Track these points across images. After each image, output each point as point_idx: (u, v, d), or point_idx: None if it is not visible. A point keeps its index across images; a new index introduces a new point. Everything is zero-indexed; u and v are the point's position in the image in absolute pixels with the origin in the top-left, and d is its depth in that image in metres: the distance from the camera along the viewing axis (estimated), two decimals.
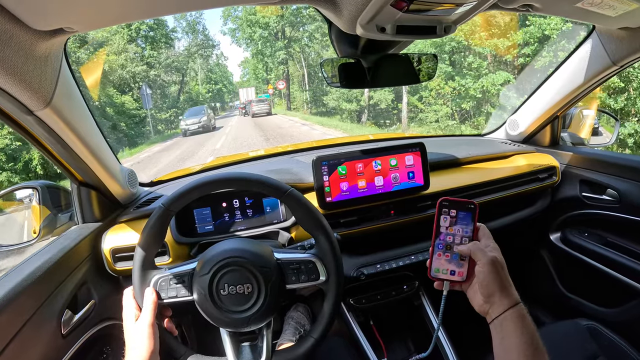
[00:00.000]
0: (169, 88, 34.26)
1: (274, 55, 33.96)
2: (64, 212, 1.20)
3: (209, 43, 41.36)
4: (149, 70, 29.21)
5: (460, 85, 15.38)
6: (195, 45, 39.63)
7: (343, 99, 23.90)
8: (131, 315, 0.81)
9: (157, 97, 30.60)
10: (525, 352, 0.62)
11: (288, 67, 35.77)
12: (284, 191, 0.87)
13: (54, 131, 0.89)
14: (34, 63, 0.70)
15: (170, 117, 31.32)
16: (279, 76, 35.80)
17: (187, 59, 38.15)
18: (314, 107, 32.45)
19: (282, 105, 39.45)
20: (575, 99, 1.50)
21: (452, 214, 0.75)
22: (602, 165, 1.50)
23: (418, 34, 0.82)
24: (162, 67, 32.00)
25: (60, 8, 0.62)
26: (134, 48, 28.03)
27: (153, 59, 30.05)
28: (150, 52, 29.81)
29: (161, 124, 29.89)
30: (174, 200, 0.84)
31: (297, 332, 1.31)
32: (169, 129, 30.67)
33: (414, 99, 18.24)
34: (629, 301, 1.40)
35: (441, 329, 1.32)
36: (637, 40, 1.16)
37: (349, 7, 0.72)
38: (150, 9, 0.70)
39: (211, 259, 0.83)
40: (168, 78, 33.95)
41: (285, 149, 1.77)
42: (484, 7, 0.78)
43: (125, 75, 25.73)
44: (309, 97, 33.08)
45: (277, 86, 34.86)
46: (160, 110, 30.13)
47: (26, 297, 0.84)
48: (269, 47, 33.91)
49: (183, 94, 36.99)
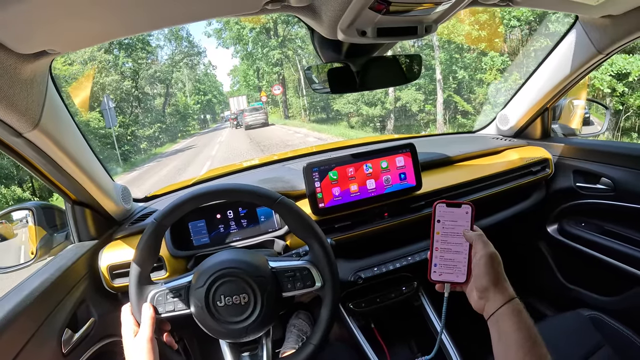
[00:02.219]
0: (153, 101, 31.24)
1: (267, 56, 30.47)
2: (60, 231, 1.20)
3: (194, 50, 38.93)
4: (122, 81, 25.26)
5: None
6: (180, 53, 37.19)
7: (362, 102, 20.04)
8: (130, 331, 0.82)
9: (139, 111, 27.55)
10: (524, 347, 0.62)
11: (283, 70, 32.19)
12: (275, 200, 0.87)
13: (44, 152, 0.89)
14: (20, 86, 0.71)
15: (155, 133, 28.39)
16: (271, 82, 32.48)
17: (171, 69, 35.52)
18: (313, 114, 29.85)
19: (276, 113, 36.34)
20: (563, 90, 1.51)
21: (449, 215, 0.75)
22: (594, 154, 1.50)
23: (399, 35, 0.83)
24: (143, 78, 28.59)
25: (42, 31, 0.63)
26: (104, 56, 23.67)
27: (129, 68, 26.64)
28: (124, 59, 26.38)
29: (144, 141, 26.50)
30: (166, 215, 0.85)
31: (300, 339, 1.31)
32: (154, 146, 27.73)
33: (458, 97, 15.37)
34: (630, 289, 1.40)
35: (444, 330, 1.31)
36: (620, 28, 1.17)
37: (328, 13, 0.73)
38: (131, 27, 0.71)
39: (206, 271, 0.83)
40: (153, 91, 31.27)
41: (277, 157, 1.78)
42: (463, 4, 0.79)
43: (92, 88, 21.65)
44: (307, 102, 29.73)
45: (273, 92, 30.55)
46: (142, 126, 26.88)
47: (26, 318, 0.84)
48: (261, 47, 30.75)
49: (169, 107, 34.50)
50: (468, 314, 0.74)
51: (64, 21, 0.62)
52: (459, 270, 0.74)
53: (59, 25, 0.62)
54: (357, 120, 21.54)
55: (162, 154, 22.16)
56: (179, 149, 23.64)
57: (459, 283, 0.74)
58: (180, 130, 36.09)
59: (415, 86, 16.86)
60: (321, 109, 29.42)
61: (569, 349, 1.14)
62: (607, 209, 1.46)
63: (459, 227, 0.75)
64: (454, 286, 0.75)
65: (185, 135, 36.08)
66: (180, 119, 35.91)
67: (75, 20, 0.62)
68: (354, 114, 21.86)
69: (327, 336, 0.87)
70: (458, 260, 0.74)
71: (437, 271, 0.75)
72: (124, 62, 26.28)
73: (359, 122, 21.29)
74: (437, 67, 15.52)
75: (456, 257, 0.74)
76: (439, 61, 15.47)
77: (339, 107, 22.93)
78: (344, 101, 21.76)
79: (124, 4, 0.60)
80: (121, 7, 0.61)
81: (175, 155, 19.18)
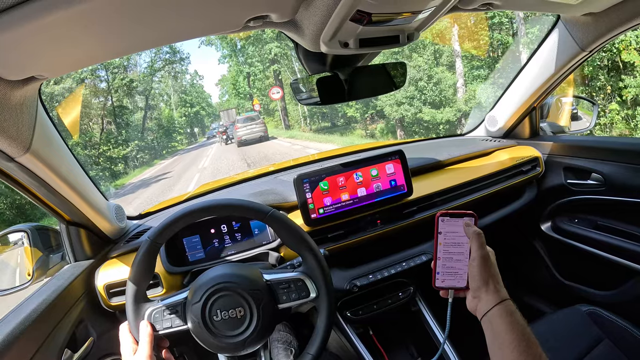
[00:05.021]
0: (130, 115, 25.84)
1: (263, 50, 25.22)
2: (56, 252, 1.20)
3: (176, 57, 33.26)
4: (94, 94, 20.98)
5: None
6: (161, 60, 31.86)
7: (420, 101, 14.38)
8: (129, 349, 0.82)
9: (112, 128, 23.21)
10: (518, 347, 0.63)
11: (282, 68, 26.38)
12: (266, 213, 0.88)
13: (37, 175, 0.89)
14: (9, 112, 0.71)
15: (132, 152, 23.70)
16: (263, 89, 27.95)
17: (150, 78, 30.54)
18: (314, 122, 24.94)
19: (271, 123, 29.50)
20: (549, 88, 1.53)
21: (450, 227, 0.77)
22: (584, 150, 1.52)
23: (381, 45, 0.84)
24: (117, 89, 23.83)
25: (29, 58, 0.64)
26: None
27: (98, 77, 22.11)
28: (95, 67, 21.43)
29: (119, 163, 21.92)
30: (160, 233, 0.85)
31: (289, 351, 1.31)
32: (130, 167, 23.32)
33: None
34: (626, 282, 1.41)
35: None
36: (602, 25, 1.19)
37: (310, 27, 0.74)
38: (118, 49, 0.72)
39: (201, 286, 0.83)
40: (132, 104, 26.28)
41: (268, 170, 1.78)
42: (443, 11, 0.80)
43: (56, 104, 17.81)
44: (307, 110, 24.42)
45: (271, 96, 23.65)
46: (116, 145, 21.82)
47: (25, 340, 0.85)
48: (253, 42, 25.90)
49: (151, 121, 30.35)
50: (467, 318, 0.75)
51: (51, 47, 0.63)
52: (460, 277, 0.76)
53: (46, 51, 0.63)
54: (382, 128, 17.52)
55: (124, 186, 17.61)
56: (146, 178, 18.21)
57: (462, 288, 0.77)
58: (165, 147, 31.79)
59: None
60: (322, 116, 25.06)
61: (569, 345, 1.15)
62: (599, 204, 1.48)
63: (460, 237, 0.77)
64: (457, 292, 0.78)
65: (171, 151, 31.74)
66: (164, 134, 31.98)
67: (62, 47, 0.63)
68: (369, 120, 18.56)
69: (325, 346, 0.87)
70: (460, 267, 0.76)
71: (440, 278, 0.78)
72: (95, 69, 22.45)
73: (383, 130, 17.21)
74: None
75: (458, 265, 0.77)
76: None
77: (352, 113, 19.50)
78: (355, 107, 18.38)
79: (110, 29, 0.62)
80: (107, 32, 0.62)
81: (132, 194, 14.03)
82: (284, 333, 1.37)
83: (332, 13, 0.67)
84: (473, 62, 14.54)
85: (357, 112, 19.33)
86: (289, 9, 0.68)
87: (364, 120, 19.57)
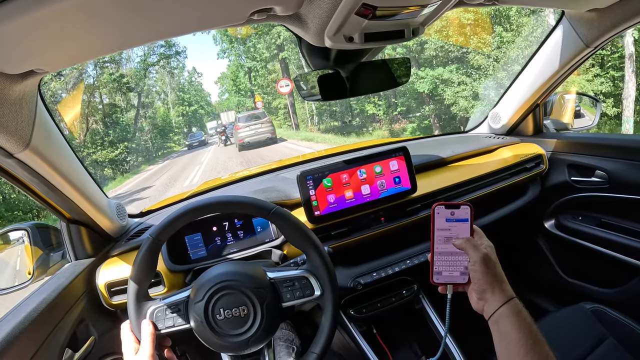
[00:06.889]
0: (121, 114, 24.27)
1: (268, 35, 22.76)
2: (56, 250, 1.19)
3: (172, 50, 31.09)
4: (49, 83, 18.24)
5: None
6: (155, 54, 30.01)
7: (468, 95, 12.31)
8: (130, 348, 0.81)
9: (99, 127, 21.67)
10: (525, 346, 0.62)
11: (291, 56, 23.51)
12: (269, 210, 0.87)
13: (37, 172, 0.88)
14: (9, 106, 0.70)
15: (121, 155, 21.77)
16: (264, 87, 26.18)
17: (143, 73, 28.87)
18: (322, 121, 22.76)
19: (274, 122, 20.95)
20: (553, 85, 1.52)
21: (447, 218, 0.75)
22: (587, 147, 1.51)
23: (387, 40, 0.83)
24: (105, 84, 22.35)
25: (29, 51, 0.62)
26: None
27: (75, 67, 19.14)
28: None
29: (106, 167, 20.61)
30: (162, 230, 0.84)
31: (291, 349, 1.30)
32: (119, 172, 21.37)
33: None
34: (630, 279, 1.40)
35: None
36: (607, 20, 1.18)
37: (315, 20, 0.73)
38: (119, 42, 0.71)
39: (204, 284, 0.82)
40: (122, 102, 24.91)
41: (270, 167, 1.77)
42: (449, 6, 0.79)
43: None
44: (315, 107, 22.15)
45: (279, 89, 19.61)
46: (102, 148, 20.20)
47: (25, 340, 0.84)
48: (255, 35, 23.63)
49: (144, 120, 28.81)
50: (470, 314, 0.74)
51: (51, 40, 0.62)
52: (459, 271, 0.74)
53: (46, 44, 0.62)
54: (414, 128, 15.55)
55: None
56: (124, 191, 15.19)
57: (461, 284, 0.75)
58: (160, 147, 30.75)
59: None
60: (331, 114, 22.71)
61: (573, 343, 1.14)
62: (603, 201, 1.47)
63: (458, 228, 0.75)
64: (456, 287, 0.76)
65: (167, 152, 30.61)
66: (159, 134, 30.78)
67: (62, 40, 0.62)
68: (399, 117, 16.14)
69: (330, 344, 0.86)
70: (458, 260, 0.75)
71: (438, 273, 0.76)
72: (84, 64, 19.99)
73: (415, 131, 15.20)
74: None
75: (456, 258, 0.75)
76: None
77: (373, 110, 17.19)
78: (380, 102, 15.60)
79: (111, 22, 0.60)
80: (108, 24, 0.61)
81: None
82: (286, 331, 1.37)
83: (338, 6, 0.66)
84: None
85: (379, 109, 17.19)
86: (294, 1, 0.67)
87: (388, 118, 17.30)
